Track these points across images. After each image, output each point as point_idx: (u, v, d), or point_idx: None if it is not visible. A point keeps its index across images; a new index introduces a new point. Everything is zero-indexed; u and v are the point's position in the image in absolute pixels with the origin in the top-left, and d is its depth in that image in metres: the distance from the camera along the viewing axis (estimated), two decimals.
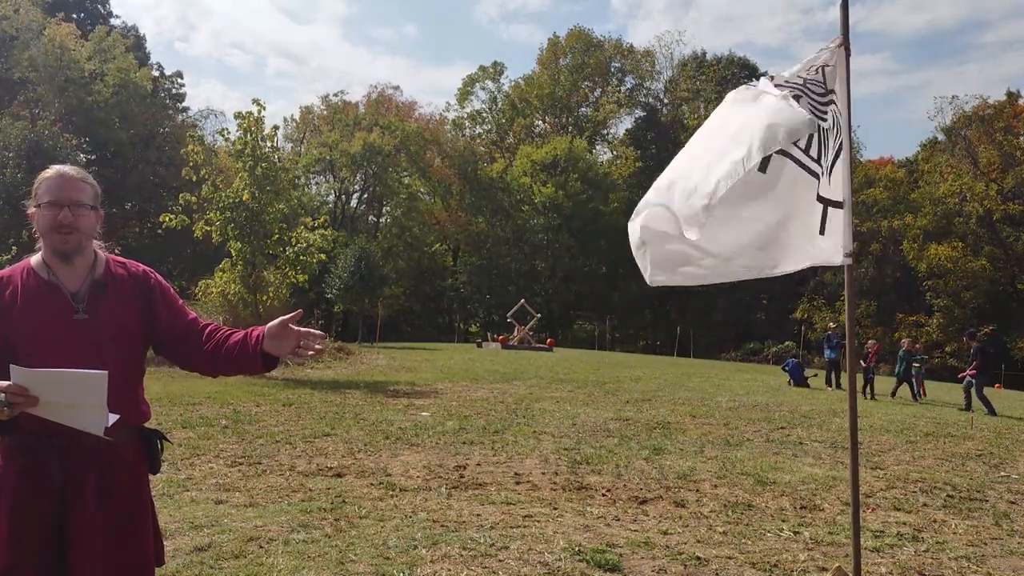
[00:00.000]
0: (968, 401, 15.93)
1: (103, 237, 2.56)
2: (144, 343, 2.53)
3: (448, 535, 5.20)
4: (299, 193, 40.99)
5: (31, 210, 2.42)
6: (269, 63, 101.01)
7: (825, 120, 3.73)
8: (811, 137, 3.74)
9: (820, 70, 3.83)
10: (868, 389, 18.37)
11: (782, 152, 3.70)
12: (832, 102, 3.79)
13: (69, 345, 2.32)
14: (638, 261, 4.03)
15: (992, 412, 15.18)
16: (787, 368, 21.27)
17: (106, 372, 2.16)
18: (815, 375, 21.73)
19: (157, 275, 2.62)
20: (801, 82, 3.76)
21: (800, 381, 20.30)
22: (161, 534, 2.61)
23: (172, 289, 2.63)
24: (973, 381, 15.95)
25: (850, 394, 4.15)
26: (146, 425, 2.56)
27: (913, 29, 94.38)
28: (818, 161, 3.77)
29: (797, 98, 3.65)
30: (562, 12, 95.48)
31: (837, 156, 3.84)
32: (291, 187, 24.70)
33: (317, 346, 2.43)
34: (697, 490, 6.97)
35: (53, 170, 2.43)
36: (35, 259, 2.46)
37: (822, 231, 3.81)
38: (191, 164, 17.29)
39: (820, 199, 3.82)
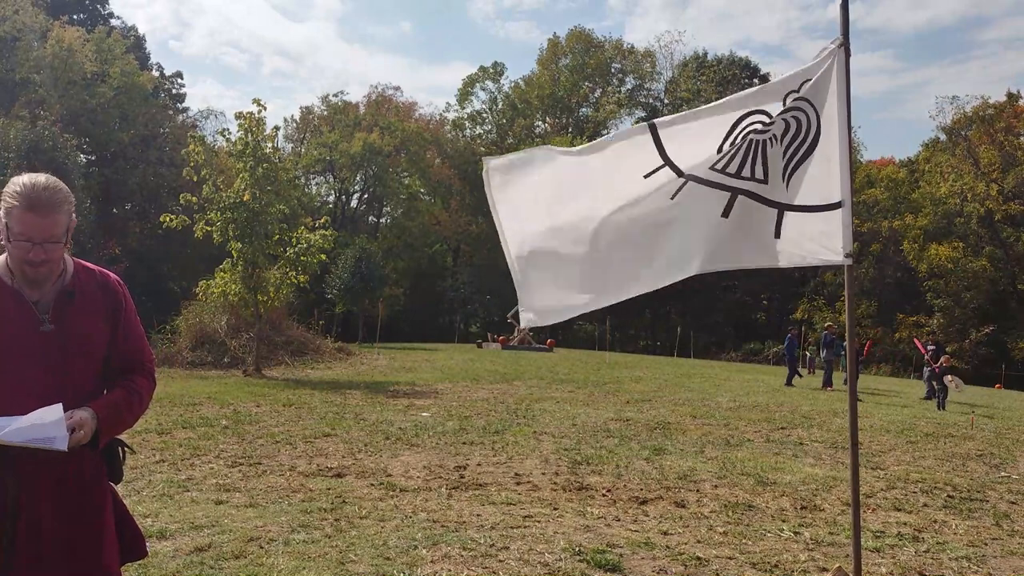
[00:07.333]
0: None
1: (103, 237, 2.47)
2: (106, 354, 2.43)
3: (448, 535, 5.20)
4: (299, 193, 40.98)
5: None
6: (265, 62, 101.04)
7: (766, 132, 3.85)
8: (735, 155, 3.86)
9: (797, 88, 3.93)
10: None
11: (693, 177, 3.88)
12: (793, 108, 3.85)
13: (36, 358, 2.25)
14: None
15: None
16: (785, 345, 21.65)
17: (60, 406, 2.12)
18: (812, 373, 21.87)
19: (127, 291, 2.52)
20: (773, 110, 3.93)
21: (792, 361, 20.93)
22: (136, 528, 2.57)
23: (135, 312, 2.52)
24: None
25: (850, 394, 4.15)
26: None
27: (913, 26, 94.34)
28: (736, 174, 3.85)
29: (744, 116, 3.92)
30: (559, 9, 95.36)
31: (802, 160, 3.88)
32: (292, 187, 24.67)
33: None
34: (697, 490, 6.97)
35: (25, 200, 2.19)
36: None
37: (777, 234, 3.90)
38: (192, 164, 17.29)
39: (773, 203, 3.90)
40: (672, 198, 3.87)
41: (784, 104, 3.90)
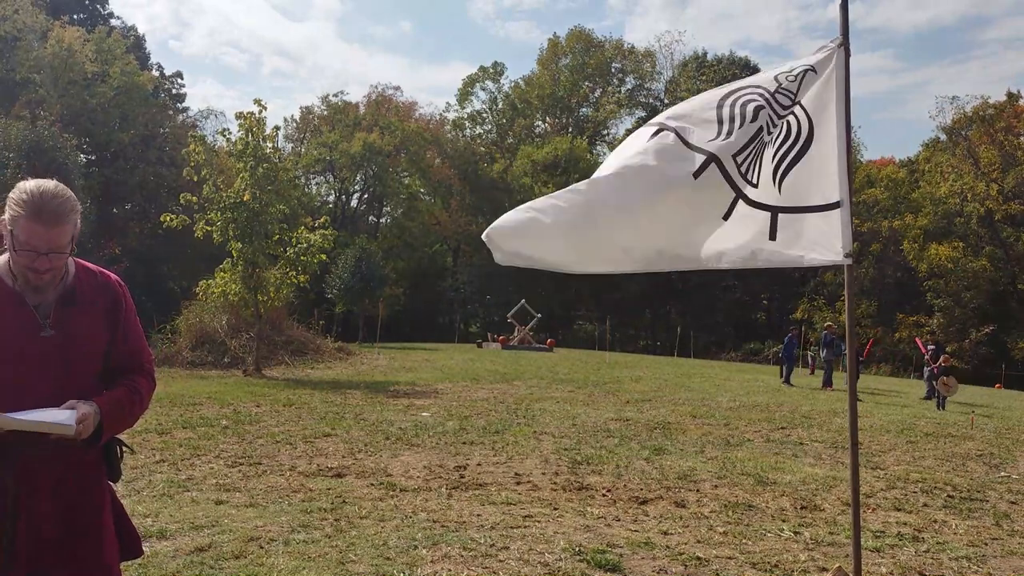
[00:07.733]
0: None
1: (103, 237, 2.45)
2: (105, 354, 2.43)
3: (448, 535, 5.20)
4: (299, 193, 40.95)
5: (3, 219, 2.23)
6: (265, 62, 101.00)
7: (773, 131, 3.85)
8: (751, 158, 3.85)
9: (800, 77, 3.89)
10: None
11: (715, 160, 3.81)
12: (788, 114, 3.87)
13: (36, 362, 2.25)
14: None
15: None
16: (784, 345, 21.63)
17: (74, 416, 2.15)
18: (812, 373, 21.91)
19: (127, 291, 2.51)
20: (773, 89, 3.89)
21: (790, 359, 20.94)
22: (132, 528, 2.58)
23: (135, 312, 2.51)
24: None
25: (850, 394, 4.15)
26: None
27: (913, 26, 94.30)
28: (743, 175, 3.85)
29: (759, 109, 3.85)
30: (559, 9, 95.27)
31: (795, 162, 3.88)
32: (292, 187, 24.67)
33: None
34: (697, 490, 6.97)
35: (32, 209, 2.16)
36: (0, 263, 2.30)
37: (772, 237, 3.86)
38: (192, 164, 17.29)
39: (765, 207, 3.87)
40: (695, 177, 3.75)
41: (778, 84, 3.89)
